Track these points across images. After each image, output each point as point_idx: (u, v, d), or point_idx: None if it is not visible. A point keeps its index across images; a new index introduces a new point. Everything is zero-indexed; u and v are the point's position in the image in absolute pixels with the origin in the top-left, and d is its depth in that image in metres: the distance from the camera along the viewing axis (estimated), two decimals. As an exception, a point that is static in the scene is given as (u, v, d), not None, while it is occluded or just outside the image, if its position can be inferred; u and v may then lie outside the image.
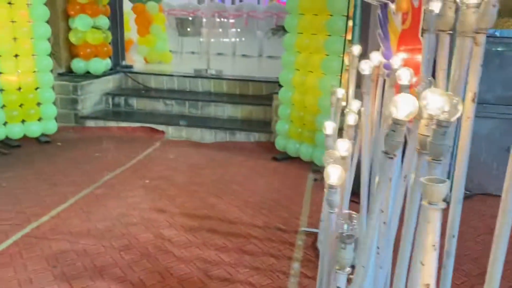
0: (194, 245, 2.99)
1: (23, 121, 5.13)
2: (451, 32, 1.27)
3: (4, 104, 4.95)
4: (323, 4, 4.24)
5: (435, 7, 1.82)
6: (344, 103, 4.36)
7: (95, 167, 4.47)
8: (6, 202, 3.58)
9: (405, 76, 1.54)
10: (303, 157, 4.64)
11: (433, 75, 1.57)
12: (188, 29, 10.06)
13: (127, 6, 7.73)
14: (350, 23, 4.19)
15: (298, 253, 2.93)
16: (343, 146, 1.51)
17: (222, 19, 11.18)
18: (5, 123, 5.00)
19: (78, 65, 6.14)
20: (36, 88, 5.17)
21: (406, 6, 2.02)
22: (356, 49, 2.58)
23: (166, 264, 2.75)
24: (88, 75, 6.16)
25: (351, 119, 2.00)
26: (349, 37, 4.23)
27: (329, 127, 1.95)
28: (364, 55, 3.40)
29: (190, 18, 10.33)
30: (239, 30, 11.13)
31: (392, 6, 2.18)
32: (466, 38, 1.18)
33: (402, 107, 0.96)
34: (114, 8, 6.49)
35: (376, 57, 2.04)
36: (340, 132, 2.20)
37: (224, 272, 2.69)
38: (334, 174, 1.30)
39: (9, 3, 4.84)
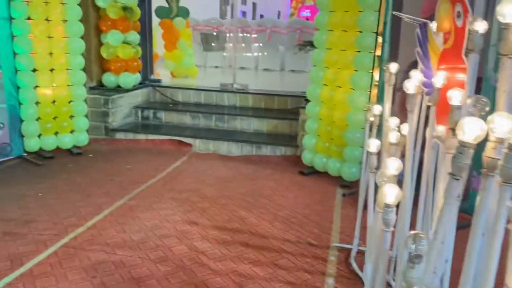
0: (228, 258, 2.99)
1: (56, 133, 5.27)
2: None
3: (39, 117, 5.09)
4: (353, 21, 4.26)
5: (480, 27, 1.83)
6: (371, 118, 4.36)
7: (127, 179, 4.53)
8: (43, 212, 3.64)
9: (456, 96, 1.54)
10: (330, 172, 4.62)
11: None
12: (213, 44, 10.21)
13: (154, 21, 7.86)
14: (380, 39, 4.19)
15: (332, 269, 2.90)
16: (393, 165, 1.51)
17: (245, 34, 11.30)
18: (39, 135, 5.14)
19: (109, 79, 6.26)
20: (70, 101, 5.32)
21: (449, 26, 2.01)
22: (394, 66, 2.59)
23: (202, 277, 2.76)
24: (118, 89, 6.27)
25: (392, 137, 2.00)
26: (378, 53, 4.25)
27: (373, 144, 1.95)
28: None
29: (215, 33, 10.47)
30: (261, 44, 11.22)
31: (433, 26, 2.18)
32: None
33: (469, 130, 0.97)
34: (143, 23, 6.63)
35: (417, 76, 2.04)
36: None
37: (259, 286, 2.68)
38: (391, 194, 1.30)
39: (47, 19, 5.00)
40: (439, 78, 1.93)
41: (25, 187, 4.19)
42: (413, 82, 1.90)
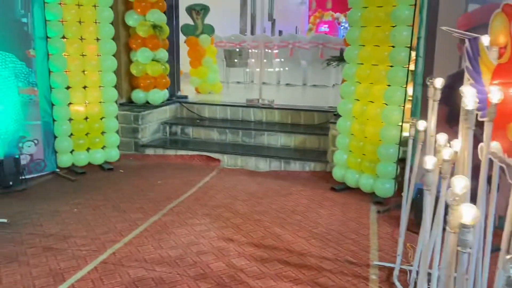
0: (267, 276, 2.95)
1: (88, 149, 5.33)
2: None
3: (72, 133, 5.17)
4: (385, 36, 4.24)
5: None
6: (406, 134, 4.30)
7: (159, 195, 4.53)
8: (79, 228, 3.66)
9: None
10: (363, 188, 4.56)
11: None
12: (236, 60, 10.28)
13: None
14: (414, 54, 4.17)
15: (375, 287, 2.85)
16: (460, 184, 1.45)
17: (266, 50, 11.34)
18: (72, 151, 5.21)
19: (138, 95, 6.35)
20: (101, 118, 5.38)
21: (505, 40, 1.97)
22: (439, 81, 2.54)
23: None
24: (147, 105, 6.35)
25: (446, 154, 1.95)
26: (411, 68, 4.21)
27: (430, 162, 1.90)
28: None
29: (237, 50, 10.53)
30: (282, 59, 11.25)
31: (485, 40, 2.13)
32: None
33: None
34: (171, 41, 6.71)
35: (471, 91, 1.99)
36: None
37: None
38: (469, 214, 1.25)
39: (81, 38, 5.10)
40: (496, 93, 1.87)
41: (60, 203, 4.22)
42: (471, 98, 1.84)
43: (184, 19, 8.20)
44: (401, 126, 4.27)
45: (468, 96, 1.84)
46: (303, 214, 4.10)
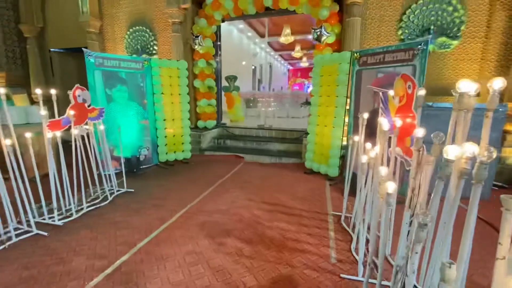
0: (273, 220, 2.89)
1: (175, 151, 5.30)
2: (465, 109, 1.17)
3: (166, 143, 5.16)
4: (333, 91, 4.19)
5: (421, 93, 1.74)
6: (344, 143, 4.19)
7: (214, 175, 4.46)
8: (172, 193, 3.62)
9: (420, 131, 1.43)
10: (321, 172, 4.47)
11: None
12: (251, 104, 10.23)
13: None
14: (348, 100, 4.13)
15: (331, 226, 2.78)
16: (384, 170, 1.40)
17: (267, 99, 11.28)
18: (166, 153, 5.20)
19: (201, 123, 6.30)
20: (182, 135, 5.35)
21: (402, 92, 1.95)
22: (365, 115, 2.50)
23: (261, 230, 2.68)
24: (205, 128, 6.29)
25: (372, 154, 1.91)
26: (347, 107, 4.17)
27: (364, 158, 1.86)
28: (358, 117, 3.28)
29: (252, 98, 10.49)
30: (275, 103, 11.16)
31: (391, 92, 2.10)
32: (468, 113, 1.10)
33: (452, 152, 0.90)
34: (218, 94, 6.67)
35: (385, 120, 1.95)
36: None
37: (292, 234, 2.59)
38: (391, 186, 1.19)
39: (171, 93, 5.10)
40: (398, 121, 1.84)
41: (162, 181, 4.18)
42: (386, 124, 1.81)
43: (224, 82, 8.15)
44: (342, 139, 4.20)
45: (384, 123, 1.82)
46: (290, 186, 4.02)
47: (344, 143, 4.23)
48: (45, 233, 2.47)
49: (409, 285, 0.93)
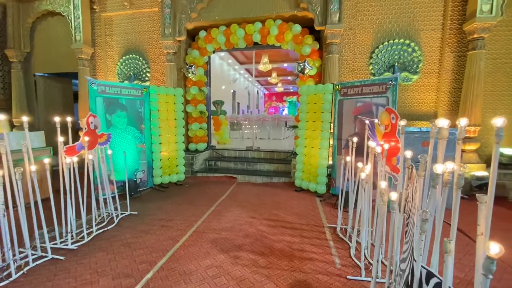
0: (278, 234, 3.08)
1: (169, 174, 5.34)
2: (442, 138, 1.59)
3: (161, 166, 5.21)
4: (318, 117, 4.61)
5: (403, 123, 2.19)
6: (330, 162, 4.58)
7: (210, 196, 4.53)
8: (176, 215, 3.66)
9: (408, 154, 1.84)
10: (311, 189, 4.75)
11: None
12: (235, 127, 10.53)
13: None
14: (332, 125, 4.53)
15: (329, 236, 3.02)
16: (384, 183, 1.76)
17: (249, 121, 11.66)
18: (161, 176, 5.23)
19: (192, 146, 6.42)
20: (176, 158, 5.43)
21: (387, 121, 2.38)
22: (355, 139, 2.92)
23: (269, 243, 2.85)
24: (196, 151, 6.40)
25: (367, 170, 2.29)
26: (331, 131, 4.61)
27: (363, 175, 2.22)
28: (341, 139, 3.70)
29: (236, 122, 10.79)
30: (256, 126, 11.58)
31: (377, 121, 2.54)
32: (444, 140, 1.52)
33: (440, 168, 1.28)
34: (208, 118, 6.86)
35: (373, 144, 2.36)
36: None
37: (298, 246, 2.78)
38: (394, 196, 1.53)
39: (167, 118, 5.26)
40: (386, 145, 2.26)
41: (160, 202, 4.20)
42: (378, 147, 2.20)
43: (212, 107, 8.41)
44: (327, 159, 4.53)
45: (374, 145, 2.22)
46: (284, 203, 4.20)
47: (330, 162, 4.63)
48: (62, 257, 2.47)
49: (418, 267, 1.25)
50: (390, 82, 3.70)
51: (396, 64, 5.07)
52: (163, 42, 5.90)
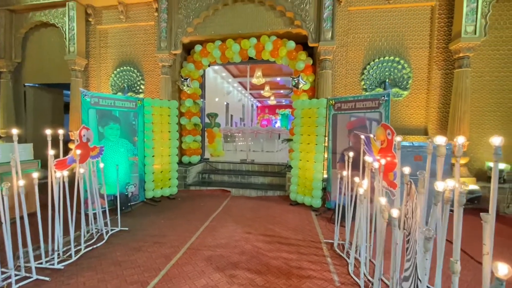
0: (274, 250, 3.02)
1: (161, 187, 5.23)
2: (441, 155, 1.61)
3: (154, 179, 5.10)
4: (313, 131, 4.65)
5: (398, 139, 2.22)
6: (325, 176, 4.57)
7: (204, 211, 4.45)
8: (169, 231, 3.56)
9: (406, 169, 1.85)
10: (306, 203, 4.73)
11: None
12: (229, 139, 10.50)
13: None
14: (326, 139, 4.57)
15: (327, 253, 2.99)
16: (383, 199, 1.76)
17: (243, 134, 11.67)
18: (153, 189, 5.11)
19: (185, 159, 6.36)
20: (169, 171, 5.34)
21: (383, 137, 2.42)
22: (351, 154, 2.94)
23: (266, 260, 2.79)
24: (190, 163, 6.32)
25: (365, 185, 2.29)
26: (326, 144, 4.65)
27: (361, 189, 2.22)
28: (335, 153, 3.72)
29: (229, 134, 10.78)
30: (250, 138, 11.59)
31: (373, 136, 2.57)
32: (442, 157, 1.55)
33: (440, 185, 1.29)
34: (202, 130, 6.86)
35: (369, 159, 2.38)
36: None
37: (296, 264, 2.72)
38: (394, 212, 1.53)
39: (161, 131, 5.21)
40: (382, 160, 2.28)
41: (152, 217, 4.09)
42: (375, 162, 2.22)
43: (206, 119, 8.40)
44: (322, 172, 4.55)
45: (371, 160, 2.23)
46: (279, 217, 4.16)
47: (325, 175, 4.65)
48: (47, 278, 2.32)
49: (423, 286, 1.23)
50: (383, 97, 3.80)
51: (387, 80, 5.23)
52: (158, 55, 5.93)
